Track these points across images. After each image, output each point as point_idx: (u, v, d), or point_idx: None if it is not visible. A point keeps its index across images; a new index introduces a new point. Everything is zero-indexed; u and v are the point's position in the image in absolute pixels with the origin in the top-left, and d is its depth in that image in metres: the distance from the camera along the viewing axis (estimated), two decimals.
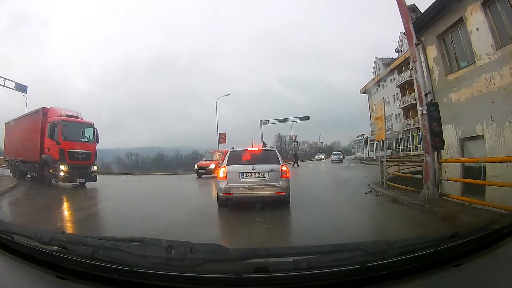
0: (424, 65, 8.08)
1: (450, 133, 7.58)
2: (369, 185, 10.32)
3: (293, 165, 25.90)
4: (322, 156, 44.42)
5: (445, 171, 7.31)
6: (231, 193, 6.36)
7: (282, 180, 6.47)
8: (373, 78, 38.06)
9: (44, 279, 1.23)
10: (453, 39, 7.78)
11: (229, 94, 30.82)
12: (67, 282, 1.20)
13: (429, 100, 6.57)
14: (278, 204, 6.56)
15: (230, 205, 6.72)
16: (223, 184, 6.46)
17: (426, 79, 7.39)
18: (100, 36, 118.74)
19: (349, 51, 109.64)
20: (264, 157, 6.93)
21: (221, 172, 6.62)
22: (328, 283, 1.13)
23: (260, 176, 6.43)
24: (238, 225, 5.68)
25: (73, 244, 1.31)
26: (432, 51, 8.35)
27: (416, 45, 6.98)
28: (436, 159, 6.57)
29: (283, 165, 6.69)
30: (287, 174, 6.59)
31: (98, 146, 13.50)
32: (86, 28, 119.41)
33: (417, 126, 25.05)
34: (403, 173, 10.22)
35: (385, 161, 10.29)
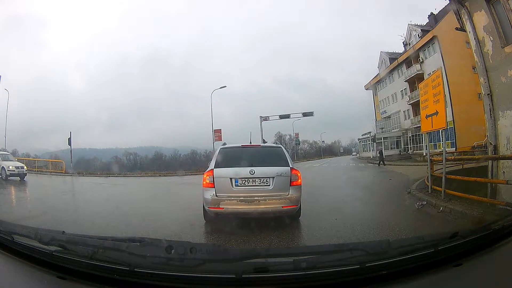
0: (472, 35, 7.17)
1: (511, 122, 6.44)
2: (409, 192, 8.31)
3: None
4: None
5: (503, 172, 6.39)
6: (220, 207, 5.23)
7: (292, 189, 5.27)
8: (379, 73, 37.98)
9: (44, 279, 1.28)
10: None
11: (225, 86, 30.69)
12: (67, 282, 1.26)
13: None
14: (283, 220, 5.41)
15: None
16: (209, 195, 5.28)
17: (475, 54, 6.77)
18: (96, 35, 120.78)
19: (349, 49, 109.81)
20: (267, 156, 5.83)
21: (206, 178, 5.40)
22: (328, 283, 1.19)
23: (262, 184, 5.27)
24: None
25: (73, 244, 1.36)
26: (481, 18, 7.01)
27: None
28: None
29: (293, 168, 5.49)
30: (299, 180, 5.42)
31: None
32: (82, 27, 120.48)
33: None
34: (456, 175, 7.52)
35: (444, 158, 7.39)
